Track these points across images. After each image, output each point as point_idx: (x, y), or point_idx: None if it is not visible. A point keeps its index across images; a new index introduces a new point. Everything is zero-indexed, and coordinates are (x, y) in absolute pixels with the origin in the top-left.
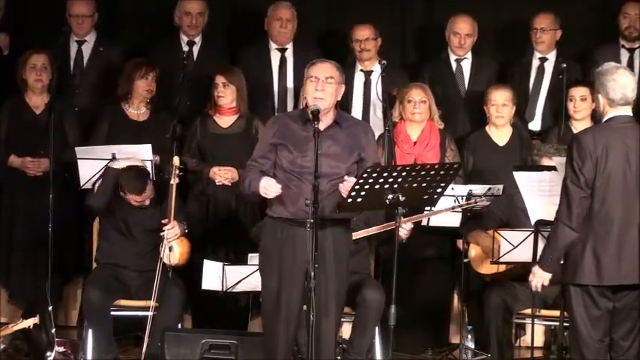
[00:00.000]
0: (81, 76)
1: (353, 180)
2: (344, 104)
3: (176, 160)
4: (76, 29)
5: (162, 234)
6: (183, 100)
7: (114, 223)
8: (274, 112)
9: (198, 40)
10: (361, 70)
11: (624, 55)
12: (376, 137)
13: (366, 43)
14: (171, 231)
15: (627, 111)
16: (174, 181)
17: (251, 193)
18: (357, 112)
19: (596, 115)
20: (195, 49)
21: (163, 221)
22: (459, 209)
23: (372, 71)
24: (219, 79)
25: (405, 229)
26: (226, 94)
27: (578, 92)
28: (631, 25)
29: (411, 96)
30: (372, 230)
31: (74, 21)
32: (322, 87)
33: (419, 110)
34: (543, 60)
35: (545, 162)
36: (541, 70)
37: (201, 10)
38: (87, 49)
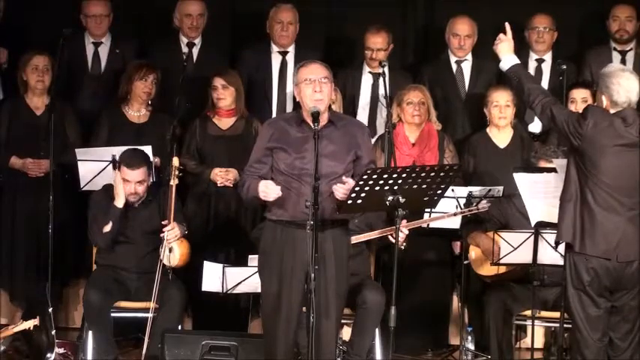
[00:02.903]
0: (99, 79)
1: (350, 182)
2: (350, 105)
3: (175, 162)
4: (94, 30)
5: (162, 235)
6: (183, 101)
7: None
8: (272, 115)
9: (197, 41)
10: (370, 72)
11: (616, 58)
12: (375, 139)
13: (378, 53)
14: (171, 232)
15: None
16: (173, 182)
17: (251, 198)
18: (363, 113)
19: None
20: (195, 51)
21: (163, 222)
22: (460, 215)
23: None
24: (218, 82)
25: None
26: (226, 96)
27: (580, 94)
28: (621, 27)
29: (410, 98)
30: (372, 235)
31: (92, 21)
32: (320, 88)
33: (418, 112)
34: (540, 61)
35: (543, 164)
36: (539, 71)
37: (201, 12)
38: (104, 51)
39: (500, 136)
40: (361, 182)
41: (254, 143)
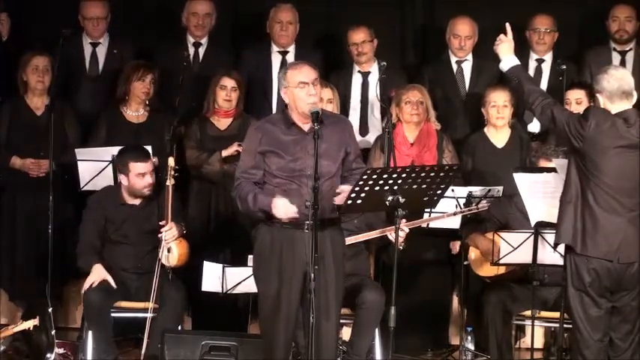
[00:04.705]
0: (96, 80)
1: (347, 189)
2: (342, 105)
3: (171, 161)
4: (92, 31)
5: (159, 236)
6: (187, 101)
7: (112, 226)
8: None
9: (204, 41)
10: (359, 72)
11: (616, 58)
12: (374, 139)
13: (363, 46)
14: (169, 232)
15: (628, 107)
16: (170, 182)
17: (257, 210)
18: (355, 113)
19: None
20: (201, 51)
21: (161, 223)
22: (460, 214)
23: (369, 72)
24: (229, 82)
25: (401, 234)
26: (233, 98)
27: (574, 95)
28: (621, 27)
29: (408, 97)
30: (371, 235)
31: (89, 23)
32: (315, 91)
33: (417, 112)
34: (540, 61)
35: (543, 163)
36: (538, 71)
37: (209, 11)
38: (101, 52)
39: (498, 136)
40: (361, 182)
41: None
